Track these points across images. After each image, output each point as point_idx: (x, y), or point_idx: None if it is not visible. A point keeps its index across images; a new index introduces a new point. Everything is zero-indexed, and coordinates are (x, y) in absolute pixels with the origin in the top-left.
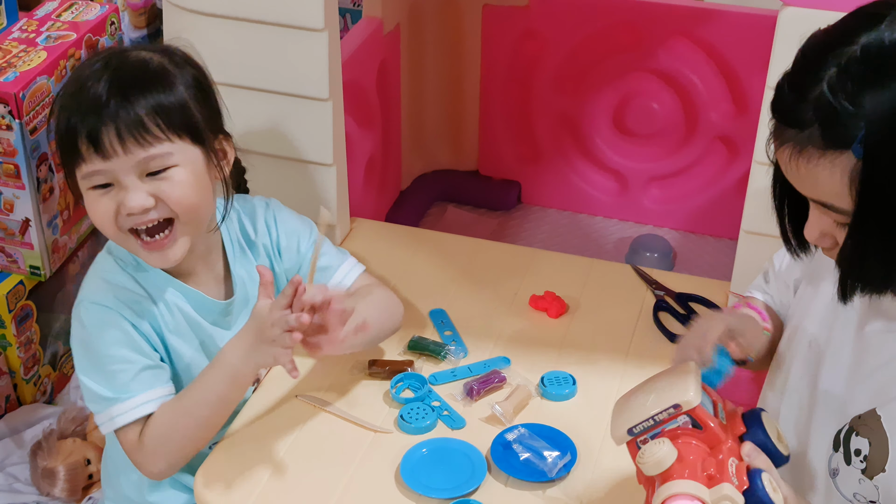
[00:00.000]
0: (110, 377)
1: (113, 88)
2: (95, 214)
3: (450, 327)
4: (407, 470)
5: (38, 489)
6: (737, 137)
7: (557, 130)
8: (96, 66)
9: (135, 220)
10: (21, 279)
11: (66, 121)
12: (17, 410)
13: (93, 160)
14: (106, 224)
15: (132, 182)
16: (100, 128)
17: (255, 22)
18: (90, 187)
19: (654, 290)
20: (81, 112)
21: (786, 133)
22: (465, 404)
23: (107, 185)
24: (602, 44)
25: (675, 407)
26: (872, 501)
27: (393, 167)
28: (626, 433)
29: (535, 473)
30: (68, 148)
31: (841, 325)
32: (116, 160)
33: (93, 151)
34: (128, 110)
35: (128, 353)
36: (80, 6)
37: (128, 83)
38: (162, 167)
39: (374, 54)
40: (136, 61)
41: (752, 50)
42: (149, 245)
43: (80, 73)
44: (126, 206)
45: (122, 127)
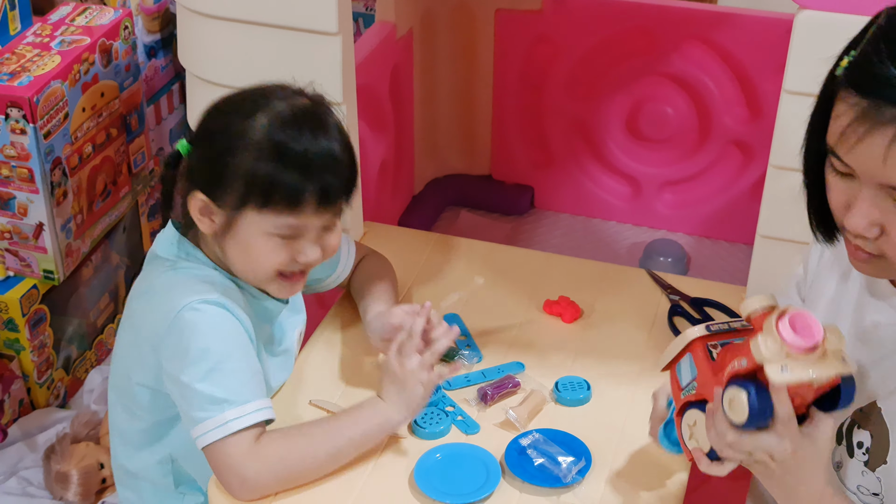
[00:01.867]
0: (227, 377)
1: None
2: (267, 258)
3: (464, 332)
4: (421, 475)
5: (52, 493)
6: (751, 142)
7: (571, 135)
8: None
9: (297, 268)
10: (35, 283)
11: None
12: (30, 414)
13: (306, 214)
14: (271, 267)
15: (317, 237)
16: (325, 193)
17: (269, 26)
18: (275, 234)
19: (668, 295)
20: (317, 173)
21: (883, 112)
22: (479, 409)
23: (290, 237)
24: (615, 48)
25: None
26: (875, 493)
27: (406, 171)
28: (704, 328)
29: (549, 479)
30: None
31: (841, 320)
32: (323, 216)
33: (313, 206)
34: (350, 170)
35: (243, 353)
36: (93, 11)
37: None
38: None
39: (387, 58)
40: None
41: (766, 54)
42: (291, 279)
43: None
44: (307, 257)
45: (343, 185)
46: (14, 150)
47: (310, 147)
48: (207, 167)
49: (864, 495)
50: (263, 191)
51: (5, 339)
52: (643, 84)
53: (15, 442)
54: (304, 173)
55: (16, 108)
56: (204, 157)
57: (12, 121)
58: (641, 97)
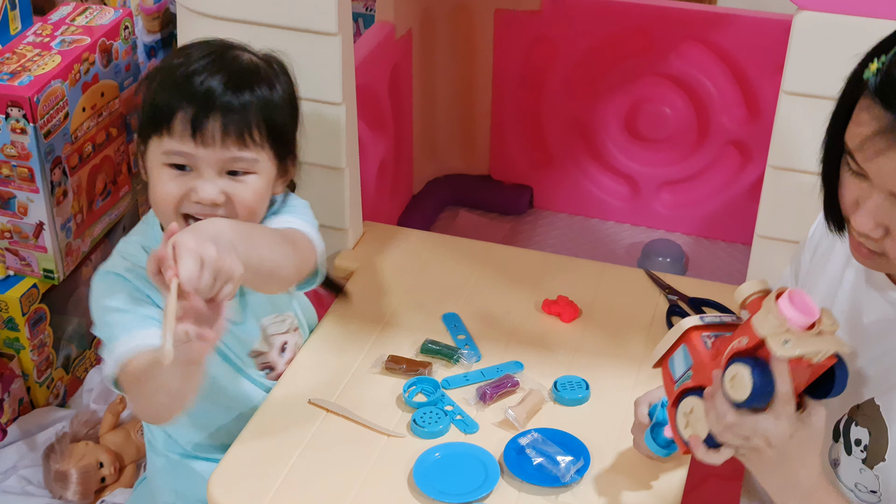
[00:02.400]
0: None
1: (228, 87)
2: (161, 189)
3: (463, 331)
4: (420, 474)
5: (51, 492)
6: (749, 142)
7: (569, 135)
8: (207, 58)
9: (197, 210)
10: (35, 282)
11: (168, 98)
12: (30, 413)
13: (185, 141)
14: (169, 202)
15: (211, 175)
16: (207, 115)
17: (268, 26)
18: (167, 164)
19: (667, 295)
20: (191, 96)
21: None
22: (477, 409)
23: (183, 167)
24: (614, 48)
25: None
26: (873, 491)
27: (405, 171)
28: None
29: (548, 478)
30: (160, 121)
31: (836, 306)
32: (209, 150)
33: (189, 134)
34: (241, 109)
35: (130, 304)
36: (94, 11)
37: (244, 84)
38: (242, 170)
39: (387, 59)
40: (249, 64)
41: (765, 54)
42: None
43: (187, 61)
44: (198, 194)
45: (231, 123)
46: (14, 150)
47: (197, 74)
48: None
49: (861, 493)
50: (148, 114)
51: (5, 338)
52: (642, 84)
53: (14, 441)
54: (180, 96)
55: (16, 108)
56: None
57: (13, 120)
58: (640, 97)
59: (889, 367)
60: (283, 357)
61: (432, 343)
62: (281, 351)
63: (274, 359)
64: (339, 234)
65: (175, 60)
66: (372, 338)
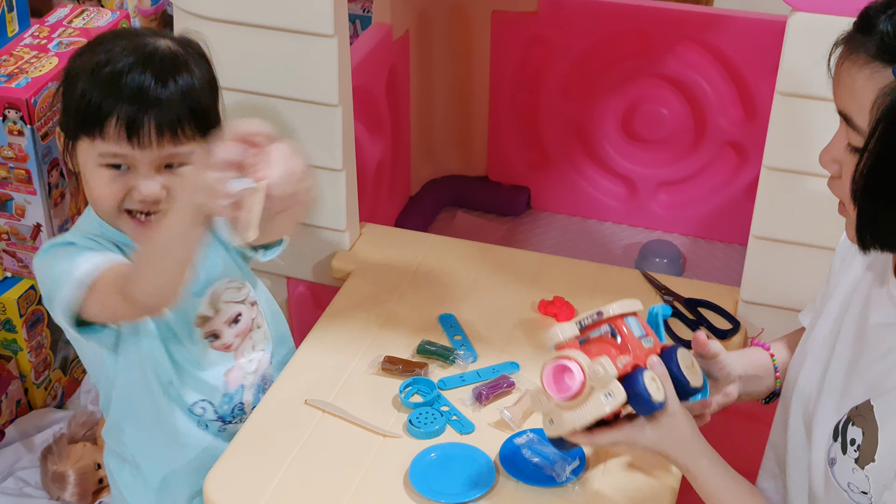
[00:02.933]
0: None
1: (158, 82)
2: (101, 190)
3: (459, 332)
4: (416, 474)
5: (49, 493)
6: (746, 143)
7: (566, 136)
8: (130, 53)
9: (141, 206)
10: (32, 284)
11: (99, 99)
12: (27, 415)
13: (121, 144)
14: (110, 202)
15: (150, 172)
16: (141, 118)
17: (265, 28)
18: (103, 164)
19: (663, 296)
20: (123, 97)
21: (850, 37)
22: (473, 409)
23: (119, 166)
24: (611, 49)
25: (598, 314)
26: (864, 492)
27: (402, 173)
28: (556, 333)
29: (543, 478)
30: (91, 123)
31: (849, 318)
32: (146, 151)
33: (124, 137)
34: (171, 104)
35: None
36: (91, 12)
37: (168, 75)
38: (179, 163)
39: (384, 60)
40: (169, 53)
41: (761, 55)
42: (144, 224)
43: (109, 55)
44: (141, 192)
45: (164, 122)
46: (12, 152)
47: (125, 73)
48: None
49: (854, 493)
50: (76, 114)
51: (3, 339)
52: (638, 85)
53: (12, 442)
54: (112, 97)
55: (13, 110)
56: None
57: (10, 122)
58: (637, 98)
59: (888, 368)
60: (233, 329)
61: (429, 344)
62: (232, 322)
63: (219, 327)
64: (337, 236)
65: (97, 57)
66: (368, 338)
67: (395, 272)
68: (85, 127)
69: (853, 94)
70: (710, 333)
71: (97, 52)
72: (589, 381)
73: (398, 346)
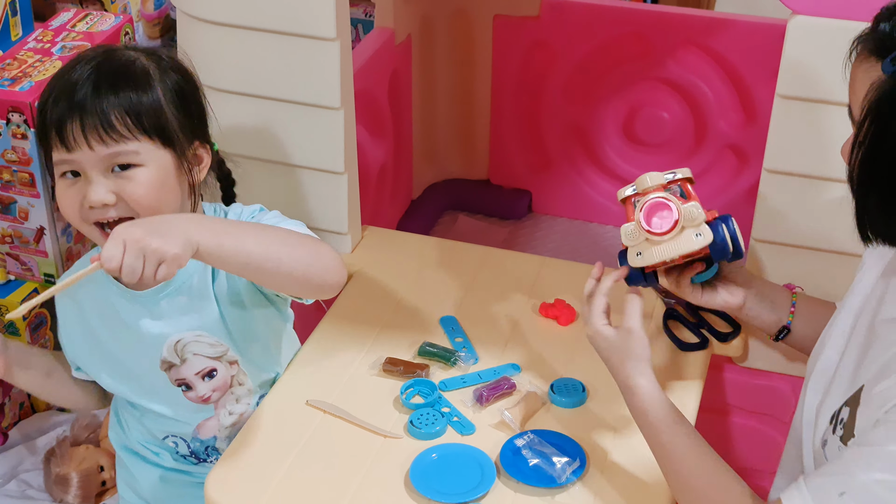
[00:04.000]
0: None
1: (88, 82)
2: (62, 202)
3: (460, 334)
4: (417, 475)
5: (52, 496)
6: (746, 146)
7: (568, 140)
8: (85, 61)
9: (96, 215)
10: (35, 287)
11: (42, 105)
12: (30, 417)
13: (59, 150)
14: (71, 213)
15: (96, 176)
16: (65, 119)
17: (267, 32)
18: (60, 174)
19: (664, 299)
20: (54, 100)
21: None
22: (474, 410)
23: (76, 174)
24: (612, 53)
25: (673, 174)
26: None
27: (404, 176)
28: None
29: (544, 479)
30: (42, 133)
31: (865, 313)
32: (80, 153)
33: (58, 141)
34: (95, 106)
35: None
36: (94, 17)
37: (104, 79)
38: (127, 164)
39: (386, 64)
40: (122, 60)
41: (761, 59)
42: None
43: (71, 63)
44: (88, 199)
45: (87, 121)
46: (15, 155)
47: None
48: None
49: None
50: (36, 129)
51: None
52: (639, 89)
53: (15, 445)
54: (48, 103)
55: (17, 113)
56: None
57: (13, 125)
58: (638, 102)
59: (889, 361)
60: (208, 384)
61: (430, 345)
62: (206, 376)
63: (189, 377)
64: (339, 238)
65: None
66: (370, 340)
67: (397, 275)
68: (41, 138)
69: (853, 88)
70: (710, 336)
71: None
72: (682, 220)
73: (399, 347)
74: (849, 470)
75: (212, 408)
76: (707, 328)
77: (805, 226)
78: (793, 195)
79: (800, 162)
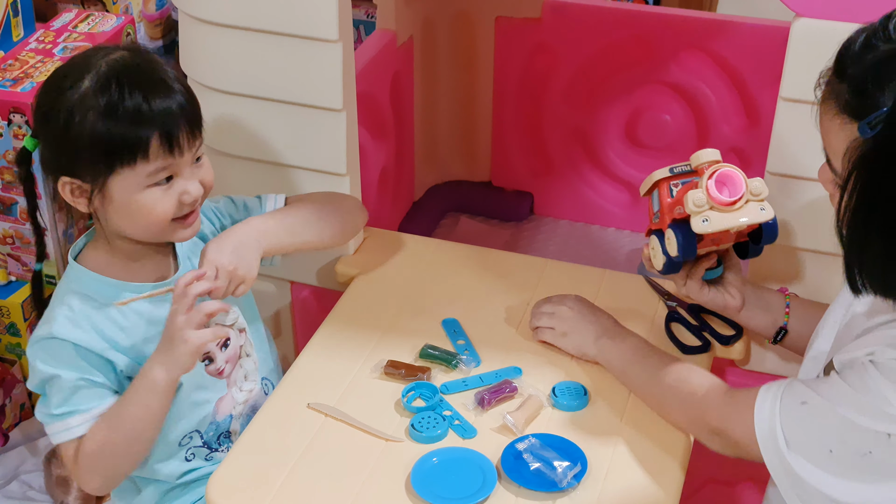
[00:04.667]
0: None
1: (162, 92)
2: (156, 208)
3: (462, 337)
4: (418, 479)
5: (52, 497)
6: (749, 150)
7: (570, 142)
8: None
9: (187, 208)
10: None
11: (127, 131)
12: (31, 418)
13: (165, 158)
14: (164, 216)
15: (189, 172)
16: (171, 127)
17: (269, 33)
18: (151, 185)
19: (666, 302)
20: (153, 118)
21: (830, 79)
22: (476, 414)
23: (168, 179)
24: (614, 56)
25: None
26: None
27: (406, 178)
28: (699, 156)
29: (545, 483)
30: (128, 153)
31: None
32: (182, 156)
33: (166, 149)
34: (187, 110)
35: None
36: (96, 17)
37: (162, 81)
38: (199, 155)
39: (388, 66)
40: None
41: (764, 62)
42: (186, 220)
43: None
44: (191, 195)
45: (191, 124)
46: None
47: (143, 93)
48: (57, 148)
49: None
50: (117, 149)
51: (7, 343)
52: (642, 92)
53: (16, 446)
54: (142, 124)
55: (18, 114)
56: (50, 140)
57: (15, 126)
58: (640, 105)
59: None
60: (224, 354)
61: (431, 348)
62: (223, 346)
63: (212, 348)
64: None
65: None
66: (371, 343)
67: (399, 277)
68: (122, 160)
69: (829, 139)
70: (712, 339)
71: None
72: (748, 193)
73: (401, 350)
74: (818, 387)
75: (224, 384)
76: (709, 331)
77: (808, 229)
78: (795, 198)
79: (803, 165)
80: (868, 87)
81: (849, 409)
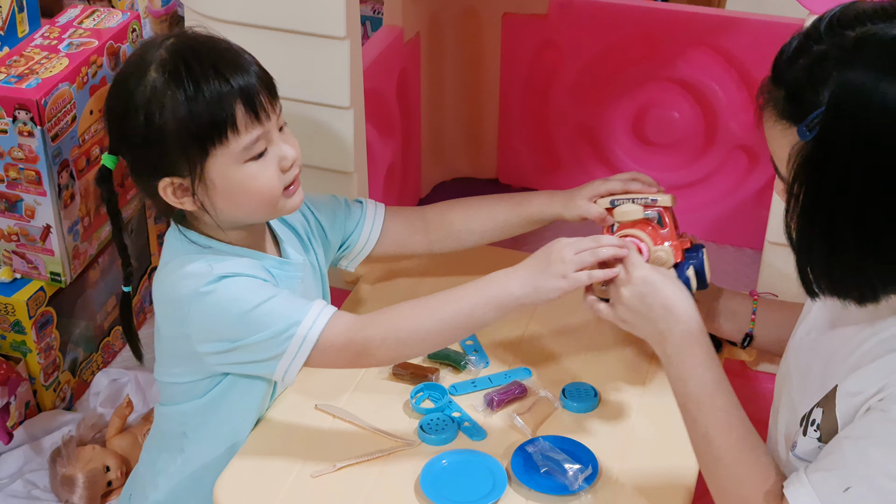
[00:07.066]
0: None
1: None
2: (264, 182)
3: (471, 337)
4: (427, 482)
5: (57, 496)
6: (757, 146)
7: (576, 139)
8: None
9: (290, 176)
10: (42, 285)
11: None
12: (36, 417)
13: (252, 126)
14: (274, 188)
15: (279, 138)
16: (252, 95)
17: (276, 30)
18: (250, 158)
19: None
20: (232, 92)
21: (767, 83)
22: (485, 415)
23: (262, 153)
24: (621, 53)
25: (653, 200)
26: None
27: (413, 175)
28: (608, 202)
29: (555, 487)
30: (217, 131)
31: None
32: (268, 122)
33: (252, 117)
34: (260, 74)
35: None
36: (101, 13)
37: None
38: (282, 125)
39: (395, 62)
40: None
41: (773, 58)
42: (292, 189)
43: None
44: (287, 158)
45: (268, 87)
46: (22, 153)
47: (214, 68)
48: (145, 150)
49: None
50: (205, 128)
51: (12, 341)
52: (649, 89)
53: (21, 444)
54: (224, 99)
55: (24, 111)
56: (134, 145)
57: (20, 123)
58: (647, 102)
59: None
60: None
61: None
62: None
63: None
64: None
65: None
66: None
67: (406, 275)
68: (213, 138)
69: (773, 147)
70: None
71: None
72: (651, 262)
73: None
74: (849, 463)
75: None
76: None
77: None
78: None
79: None
80: (803, 91)
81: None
